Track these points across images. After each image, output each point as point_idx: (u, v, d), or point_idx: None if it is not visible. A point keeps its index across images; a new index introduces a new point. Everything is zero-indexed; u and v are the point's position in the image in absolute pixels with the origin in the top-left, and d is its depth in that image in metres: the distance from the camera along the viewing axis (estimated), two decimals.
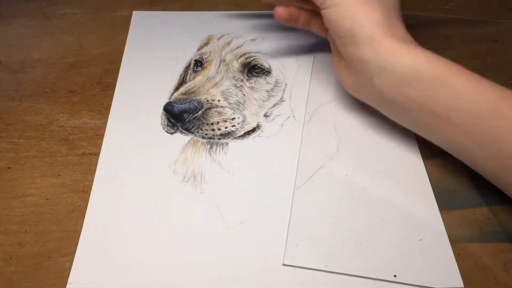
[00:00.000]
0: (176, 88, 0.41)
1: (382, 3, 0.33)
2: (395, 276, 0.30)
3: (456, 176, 0.35)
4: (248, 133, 0.38)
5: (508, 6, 0.51)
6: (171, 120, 0.39)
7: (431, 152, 0.36)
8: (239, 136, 0.38)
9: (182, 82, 0.42)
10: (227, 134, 0.38)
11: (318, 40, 0.46)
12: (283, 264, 0.30)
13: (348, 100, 0.40)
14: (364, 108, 0.38)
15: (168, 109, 0.39)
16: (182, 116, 0.38)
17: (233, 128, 0.38)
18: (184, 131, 0.38)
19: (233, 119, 0.39)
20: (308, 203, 0.34)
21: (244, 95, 0.40)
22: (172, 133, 0.38)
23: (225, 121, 0.38)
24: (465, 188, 0.35)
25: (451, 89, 0.29)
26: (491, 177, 0.31)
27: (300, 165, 0.36)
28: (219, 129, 0.38)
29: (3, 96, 0.41)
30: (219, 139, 0.38)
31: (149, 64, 0.44)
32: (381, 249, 0.31)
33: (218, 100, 0.40)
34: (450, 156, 0.33)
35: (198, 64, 0.44)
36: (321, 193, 0.34)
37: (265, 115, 0.40)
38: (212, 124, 0.38)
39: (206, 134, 0.38)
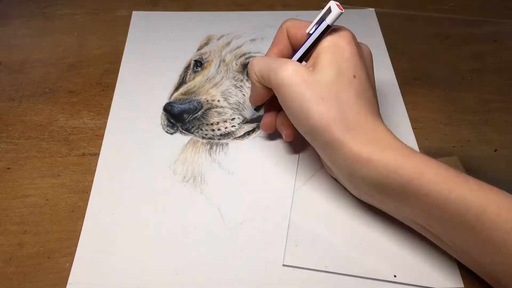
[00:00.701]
0: (176, 88, 0.41)
1: (337, 94, 0.28)
2: (395, 276, 0.30)
3: None
4: (248, 133, 0.38)
5: (508, 6, 0.51)
6: (171, 120, 0.39)
7: (431, 152, 0.36)
8: (239, 136, 0.38)
9: (182, 82, 0.42)
10: (227, 134, 0.38)
11: None
12: (283, 265, 0.30)
13: None
14: None
15: (168, 109, 0.39)
16: (182, 116, 0.38)
17: (233, 128, 0.38)
18: (184, 131, 0.38)
19: (233, 119, 0.39)
20: (308, 204, 0.33)
21: (244, 95, 0.40)
22: (172, 133, 0.38)
23: (225, 121, 0.38)
24: None
25: (424, 196, 0.26)
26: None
27: (300, 165, 0.36)
28: (219, 129, 0.38)
29: (2, 97, 0.41)
30: (219, 139, 0.38)
31: (149, 65, 0.44)
32: (381, 249, 0.31)
33: (218, 100, 0.40)
34: (449, 156, 0.33)
35: (198, 64, 0.44)
36: (321, 193, 0.34)
37: None
38: (212, 124, 0.38)
39: (206, 134, 0.38)
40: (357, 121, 0.28)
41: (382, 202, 0.30)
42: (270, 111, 0.35)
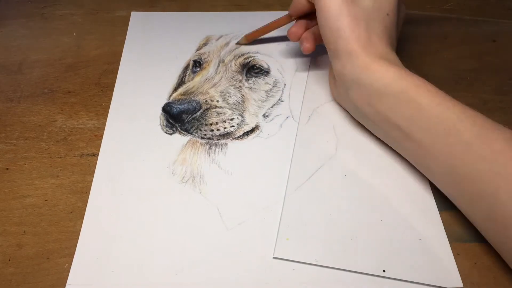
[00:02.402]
0: (175, 89, 0.41)
1: (368, 20, 0.34)
2: (384, 271, 0.30)
3: None
4: (247, 133, 0.38)
5: (506, 6, 0.51)
6: (170, 120, 0.39)
7: None
8: (238, 137, 0.38)
9: (180, 82, 0.42)
10: (226, 135, 0.38)
11: None
12: (273, 257, 0.30)
13: None
14: None
15: (167, 110, 0.39)
16: (181, 116, 0.38)
17: (232, 129, 0.38)
18: (183, 132, 0.38)
19: (232, 119, 0.39)
20: (304, 201, 0.33)
21: (243, 95, 0.40)
22: (171, 134, 0.38)
23: (224, 121, 0.38)
24: None
25: (415, 104, 0.31)
26: (447, 194, 0.32)
27: (299, 165, 0.36)
28: (218, 130, 0.38)
29: (1, 97, 0.41)
30: (218, 139, 0.38)
31: (148, 65, 0.44)
32: (380, 249, 0.31)
33: (217, 101, 0.40)
34: None
35: (197, 64, 0.44)
36: (320, 192, 0.34)
37: (264, 116, 0.40)
38: (211, 124, 0.38)
39: (205, 135, 0.38)
40: (377, 44, 0.34)
41: (375, 110, 0.33)
42: (300, 22, 0.41)
